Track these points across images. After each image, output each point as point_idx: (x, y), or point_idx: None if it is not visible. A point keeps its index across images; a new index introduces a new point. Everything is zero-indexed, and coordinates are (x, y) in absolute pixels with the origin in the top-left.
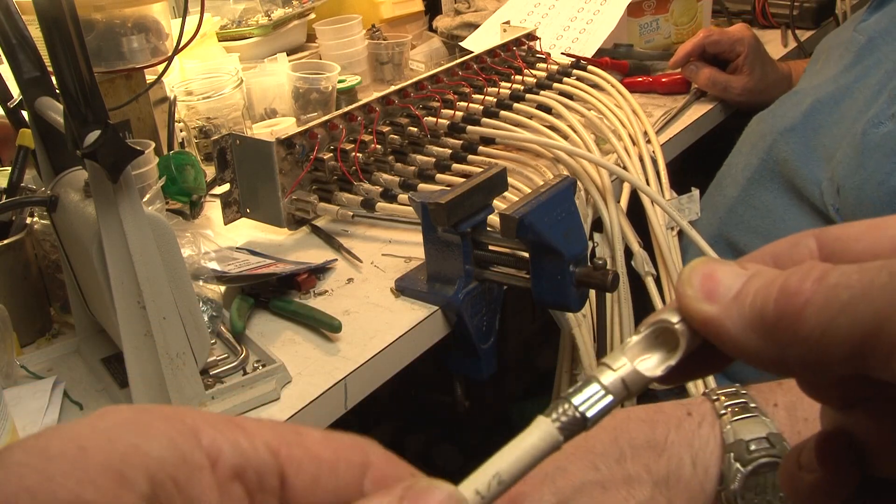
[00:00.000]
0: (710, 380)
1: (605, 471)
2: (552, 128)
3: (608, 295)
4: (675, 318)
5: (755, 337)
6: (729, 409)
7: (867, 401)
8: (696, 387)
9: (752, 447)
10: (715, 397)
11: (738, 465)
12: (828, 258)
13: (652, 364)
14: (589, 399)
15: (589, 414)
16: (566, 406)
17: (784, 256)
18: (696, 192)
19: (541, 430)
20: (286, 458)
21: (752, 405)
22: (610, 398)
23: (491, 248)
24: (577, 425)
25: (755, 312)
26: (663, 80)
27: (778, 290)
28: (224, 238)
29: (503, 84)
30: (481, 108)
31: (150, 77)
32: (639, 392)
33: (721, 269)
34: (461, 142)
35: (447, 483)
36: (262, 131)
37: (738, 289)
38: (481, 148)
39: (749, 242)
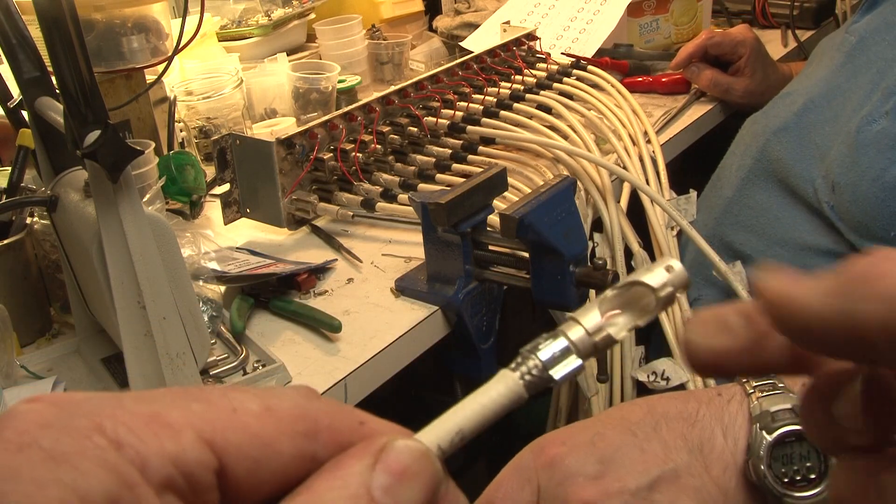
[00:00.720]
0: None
1: (643, 436)
2: (552, 128)
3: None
4: (651, 281)
5: (829, 299)
6: (757, 389)
7: None
8: (696, 386)
9: (777, 416)
10: (745, 380)
11: (763, 433)
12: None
13: (621, 323)
14: (558, 358)
15: (557, 376)
16: (534, 362)
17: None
18: (693, 193)
19: (507, 386)
20: (221, 447)
21: (780, 385)
22: (578, 362)
23: (491, 248)
24: (543, 384)
25: (831, 278)
26: (663, 80)
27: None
28: (224, 238)
29: (503, 84)
30: (481, 108)
31: (150, 77)
32: (605, 349)
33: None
34: (461, 142)
35: (414, 439)
36: (262, 131)
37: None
38: (481, 148)
39: (745, 242)
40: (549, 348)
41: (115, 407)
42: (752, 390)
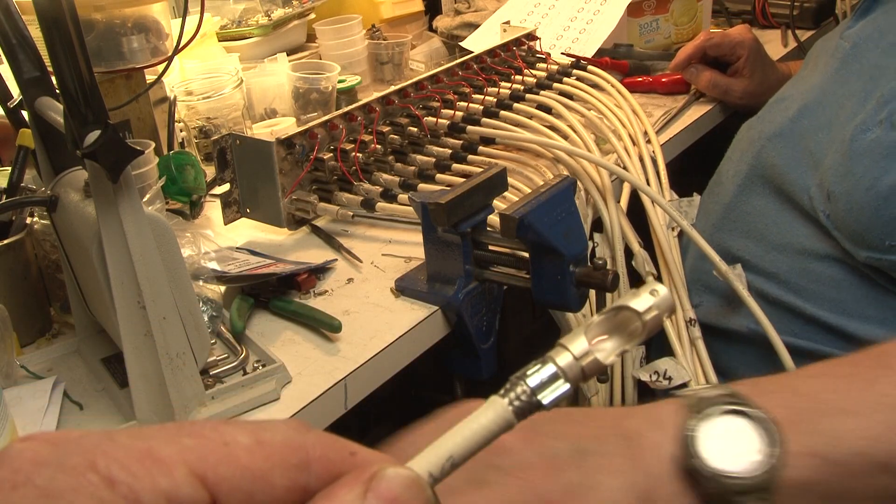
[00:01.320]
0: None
1: (577, 416)
2: (552, 128)
3: (608, 295)
4: (637, 306)
5: None
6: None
7: None
8: (698, 386)
9: (712, 400)
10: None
11: (694, 414)
12: None
13: (609, 348)
14: (545, 383)
15: (545, 401)
16: (523, 388)
17: None
18: (697, 197)
19: (495, 411)
20: (213, 482)
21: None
22: (566, 386)
23: (491, 248)
24: (531, 410)
25: None
26: (663, 80)
27: None
28: (224, 238)
29: (503, 84)
30: (481, 108)
31: (150, 77)
32: (594, 374)
33: None
34: (461, 142)
35: (404, 467)
36: (262, 131)
37: None
38: (481, 148)
39: (743, 247)
40: (537, 375)
41: (108, 444)
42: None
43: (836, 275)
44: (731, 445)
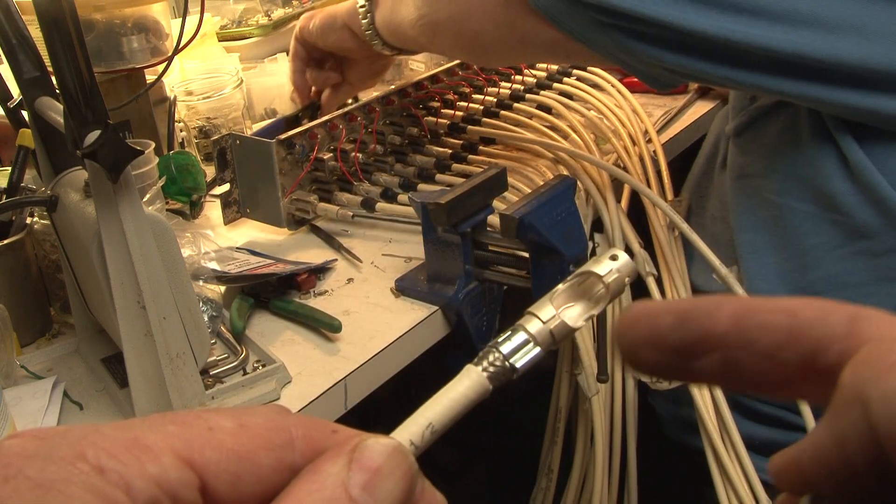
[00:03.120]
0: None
1: None
2: (552, 128)
3: None
4: (599, 270)
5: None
6: None
7: None
8: (699, 388)
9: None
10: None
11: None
12: None
13: (576, 313)
14: (517, 348)
15: (518, 364)
16: (495, 355)
17: None
18: None
19: (471, 379)
20: (201, 465)
21: None
22: (537, 349)
23: (491, 248)
24: (505, 375)
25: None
26: None
27: None
28: (224, 238)
29: (503, 84)
30: (481, 108)
31: (150, 77)
32: (563, 340)
33: None
34: (461, 142)
35: (386, 437)
36: None
37: None
38: (481, 148)
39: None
40: (509, 342)
41: (95, 435)
42: None
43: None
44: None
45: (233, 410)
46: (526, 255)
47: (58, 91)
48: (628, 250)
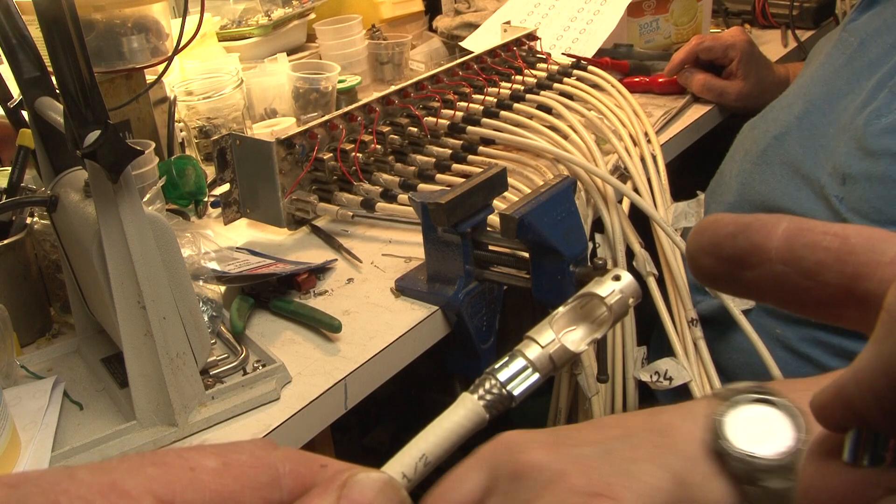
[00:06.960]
0: (716, 383)
1: (607, 422)
2: (552, 128)
3: None
4: (601, 291)
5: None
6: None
7: None
8: (700, 389)
9: (738, 389)
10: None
11: (721, 402)
12: None
13: (578, 337)
14: (515, 375)
15: (516, 392)
16: (492, 383)
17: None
18: (701, 195)
19: (466, 408)
20: None
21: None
22: (536, 376)
23: (491, 248)
24: (503, 403)
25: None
26: (662, 80)
27: None
28: (224, 238)
29: (503, 84)
30: (481, 108)
31: (150, 77)
32: (564, 366)
33: None
34: (461, 142)
35: (376, 471)
36: (262, 131)
37: None
38: (481, 148)
39: None
40: (507, 369)
41: (69, 482)
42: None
43: None
44: (758, 430)
45: (216, 448)
46: (526, 255)
47: (58, 91)
48: (629, 251)
